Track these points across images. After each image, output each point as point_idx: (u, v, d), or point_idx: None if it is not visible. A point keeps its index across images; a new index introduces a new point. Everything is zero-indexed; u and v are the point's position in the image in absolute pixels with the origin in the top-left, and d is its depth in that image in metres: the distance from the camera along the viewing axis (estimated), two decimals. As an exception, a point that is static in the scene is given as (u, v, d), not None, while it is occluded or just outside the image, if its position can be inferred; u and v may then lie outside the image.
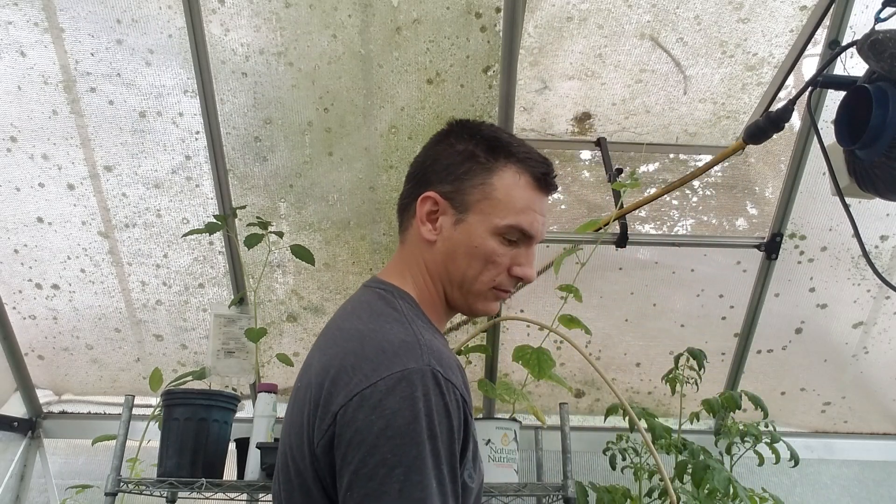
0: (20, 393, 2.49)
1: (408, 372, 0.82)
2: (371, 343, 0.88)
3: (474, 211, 1.00)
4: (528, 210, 1.01)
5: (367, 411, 0.80)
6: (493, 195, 1.00)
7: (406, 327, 0.91)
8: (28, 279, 2.37)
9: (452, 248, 1.00)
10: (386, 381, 0.82)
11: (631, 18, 2.09)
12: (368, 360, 0.85)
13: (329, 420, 0.83)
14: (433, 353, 0.86)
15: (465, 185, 1.01)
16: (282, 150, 2.22)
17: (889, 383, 2.58)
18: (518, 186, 1.01)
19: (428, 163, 1.06)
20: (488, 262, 0.99)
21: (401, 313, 0.95)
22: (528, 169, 1.02)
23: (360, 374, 0.84)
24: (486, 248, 0.99)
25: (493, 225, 0.99)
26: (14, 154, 2.19)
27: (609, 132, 2.43)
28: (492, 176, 1.00)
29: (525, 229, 1.00)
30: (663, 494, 1.97)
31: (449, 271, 1.01)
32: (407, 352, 0.85)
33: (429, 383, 0.82)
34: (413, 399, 0.80)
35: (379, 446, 0.79)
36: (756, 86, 2.25)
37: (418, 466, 0.78)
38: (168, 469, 1.80)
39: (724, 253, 2.41)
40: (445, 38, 2.03)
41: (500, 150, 1.02)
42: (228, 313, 2.19)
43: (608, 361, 2.56)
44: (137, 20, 2.02)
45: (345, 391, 0.83)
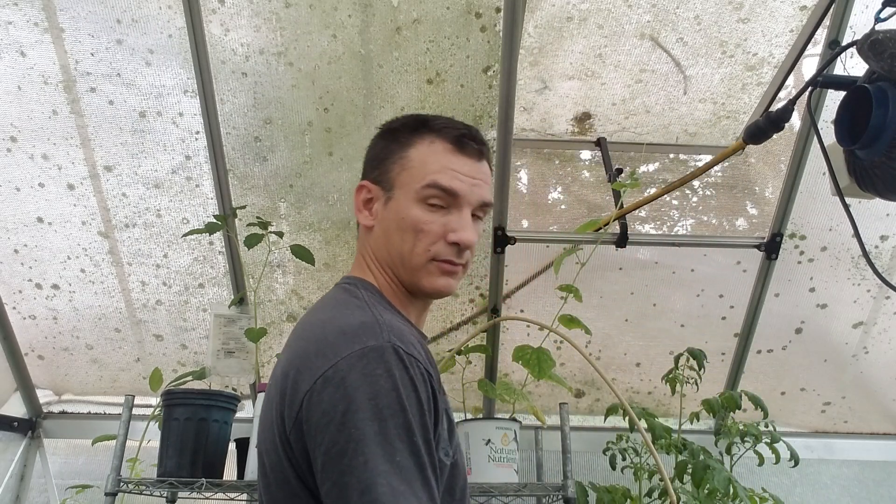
0: (20, 393, 2.49)
1: (368, 349, 0.84)
2: (332, 328, 0.90)
3: (397, 185, 1.03)
4: (445, 169, 1.01)
5: (332, 391, 0.82)
6: (409, 164, 1.03)
7: (365, 311, 0.93)
8: (28, 279, 2.37)
9: (386, 226, 1.03)
10: (346, 359, 0.83)
11: (631, 18, 2.09)
12: (330, 345, 0.86)
13: (297, 407, 0.85)
14: (393, 331, 0.87)
15: (387, 165, 1.05)
16: (282, 150, 2.22)
17: (889, 383, 2.58)
18: (433, 152, 1.03)
19: (364, 162, 1.13)
20: (418, 232, 1.00)
21: (361, 300, 0.98)
22: (444, 135, 1.04)
23: (322, 358, 0.85)
24: (411, 216, 1.00)
25: (413, 192, 1.01)
26: (14, 154, 2.19)
27: (609, 132, 2.43)
28: (409, 149, 1.04)
29: (443, 185, 1.00)
30: (663, 494, 1.97)
31: (389, 252, 1.03)
32: (366, 331, 0.87)
33: (390, 359, 0.83)
34: (375, 375, 0.82)
35: (346, 423, 0.80)
36: (756, 86, 2.25)
37: (382, 440, 0.79)
38: (168, 469, 1.80)
39: (724, 253, 2.41)
40: (445, 38, 2.03)
41: (418, 126, 1.06)
42: (228, 313, 2.19)
43: (608, 361, 2.56)
44: (137, 20, 2.02)
45: (308, 376, 0.85)
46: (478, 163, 1.05)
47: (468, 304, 2.44)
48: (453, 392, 2.21)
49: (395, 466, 0.78)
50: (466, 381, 2.20)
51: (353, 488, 0.77)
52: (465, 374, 2.20)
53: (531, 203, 2.51)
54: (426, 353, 0.93)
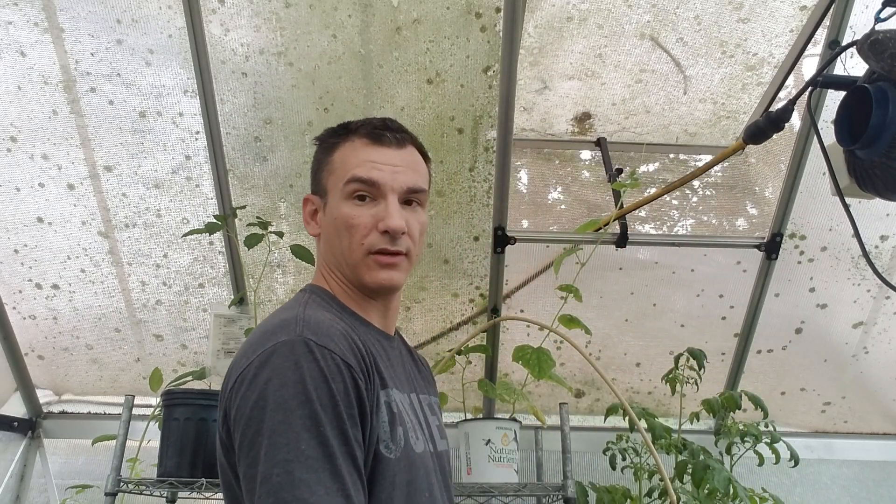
0: (20, 393, 2.49)
1: (279, 345, 0.86)
2: (259, 329, 0.94)
3: (329, 189, 1.07)
4: (364, 162, 1.03)
5: (245, 388, 0.85)
6: (333, 166, 1.06)
7: (294, 310, 0.94)
8: (28, 279, 2.37)
9: (327, 231, 1.07)
10: (260, 356, 0.86)
11: (631, 18, 2.09)
12: (251, 344, 0.90)
13: (224, 406, 0.90)
14: (308, 325, 0.89)
15: (319, 174, 1.09)
16: (282, 150, 2.22)
17: (889, 383, 2.58)
18: (352, 150, 1.05)
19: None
20: (349, 227, 1.02)
21: (298, 301, 1.00)
22: (360, 132, 1.06)
23: (243, 357, 0.89)
24: (342, 214, 1.03)
25: (339, 191, 1.04)
26: (14, 154, 2.19)
27: (609, 132, 2.43)
28: (333, 154, 1.08)
29: (361, 176, 1.02)
30: (663, 494, 1.97)
31: (334, 255, 1.06)
32: (282, 328, 0.89)
33: (299, 351, 0.84)
34: (282, 368, 0.83)
35: (253, 417, 0.82)
36: (756, 86, 2.25)
37: (285, 429, 0.80)
38: (168, 469, 1.80)
39: (724, 253, 2.41)
40: (445, 38, 2.03)
41: (340, 131, 1.09)
42: (228, 313, 2.19)
43: (608, 361, 2.56)
44: (137, 20, 2.02)
45: (233, 376, 0.89)
46: (399, 150, 1.06)
47: (468, 304, 2.44)
48: (453, 392, 2.21)
49: (297, 455, 0.78)
50: (466, 381, 2.20)
51: (256, 479, 0.79)
52: (465, 374, 2.20)
53: (531, 203, 2.51)
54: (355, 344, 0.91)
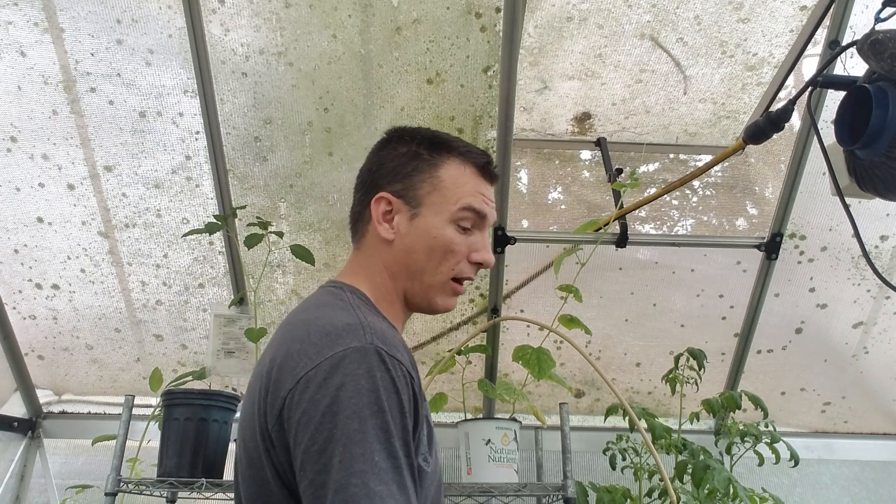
0: (20, 393, 2.49)
1: (350, 350, 0.84)
2: (316, 329, 0.90)
3: (426, 204, 1.04)
4: (477, 193, 1.06)
5: (313, 391, 0.82)
6: (441, 186, 1.05)
7: (350, 312, 0.94)
8: (28, 279, 2.37)
9: (411, 242, 1.04)
10: (329, 360, 0.84)
11: (631, 18, 2.09)
12: (313, 344, 0.87)
13: (279, 405, 0.85)
14: (376, 333, 0.88)
15: (414, 181, 1.05)
16: (282, 150, 2.22)
17: (889, 383, 2.58)
18: (464, 174, 1.06)
19: (374, 168, 1.10)
20: (447, 252, 1.03)
21: (346, 302, 0.98)
22: (470, 160, 1.08)
23: (305, 357, 0.86)
24: (444, 237, 1.03)
25: (447, 213, 1.03)
26: (14, 154, 2.19)
27: (609, 132, 2.43)
28: (438, 169, 1.06)
29: (477, 209, 1.05)
30: (663, 494, 1.97)
31: (409, 267, 1.04)
32: (350, 333, 0.87)
33: (372, 360, 0.84)
34: (356, 375, 0.82)
35: (325, 423, 0.80)
36: (756, 86, 2.25)
37: (360, 439, 0.79)
38: (168, 469, 1.80)
39: (724, 253, 2.41)
40: (445, 38, 2.03)
41: (441, 147, 1.08)
42: (228, 313, 2.19)
43: (608, 361, 2.56)
44: (137, 20, 2.02)
45: (291, 375, 0.86)
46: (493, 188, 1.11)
47: (468, 304, 2.44)
48: (453, 392, 2.21)
49: (372, 466, 0.78)
50: (466, 381, 2.20)
51: (328, 486, 0.78)
52: (465, 374, 2.20)
53: (531, 203, 2.51)
54: (409, 356, 0.94)
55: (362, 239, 1.10)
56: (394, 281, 1.05)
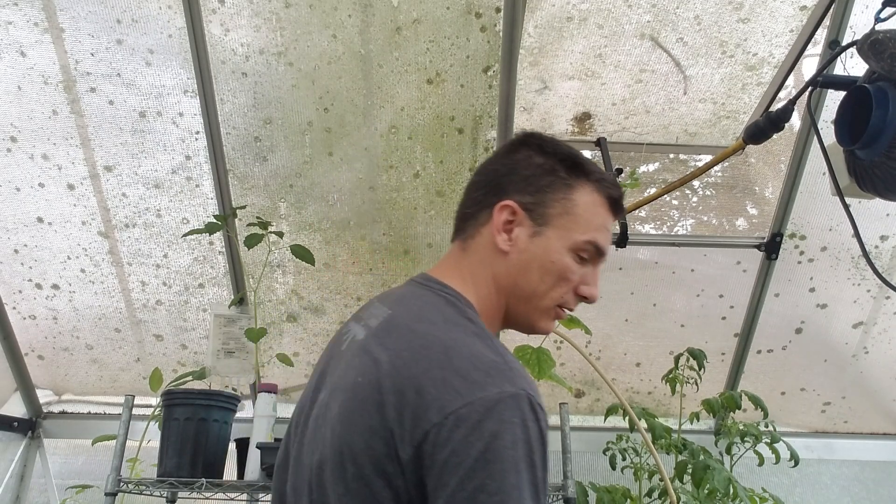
0: (20, 393, 2.49)
1: (506, 395, 0.80)
2: (459, 357, 0.84)
3: (553, 225, 0.99)
4: (604, 228, 1.02)
5: (465, 432, 0.77)
6: (574, 211, 0.99)
7: (488, 343, 0.88)
8: (28, 279, 2.37)
9: (527, 260, 0.99)
10: (483, 401, 0.78)
11: (631, 18, 2.09)
12: (459, 377, 0.81)
13: (419, 436, 0.79)
14: (524, 377, 0.84)
15: (547, 198, 1.00)
16: (282, 150, 2.22)
17: (889, 383, 2.58)
18: (595, 205, 1.01)
19: (503, 172, 1.03)
20: (561, 279, 0.99)
21: (478, 326, 0.92)
22: (604, 191, 1.03)
23: (451, 390, 0.80)
24: (562, 263, 0.98)
25: (572, 241, 0.98)
26: (14, 154, 2.19)
27: (609, 132, 2.43)
28: (573, 192, 1.00)
29: (601, 246, 1.01)
30: (663, 494, 1.97)
31: (519, 284, 0.99)
32: (500, 373, 0.82)
33: (525, 409, 0.80)
34: (512, 424, 0.78)
35: (477, 470, 0.76)
36: (756, 86, 2.25)
37: (518, 495, 0.76)
38: (168, 469, 1.80)
39: (724, 253, 2.41)
40: (445, 38, 2.03)
41: (579, 169, 1.02)
42: (228, 313, 2.19)
43: (608, 361, 2.56)
44: (137, 20, 2.02)
45: (436, 407, 0.79)
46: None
47: (468, 304, 2.44)
48: (453, 392, 2.20)
49: None
50: (466, 381, 2.20)
51: None
52: (465, 374, 2.20)
53: (531, 203, 2.51)
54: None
55: (471, 241, 1.03)
56: (498, 295, 1.01)
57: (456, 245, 1.06)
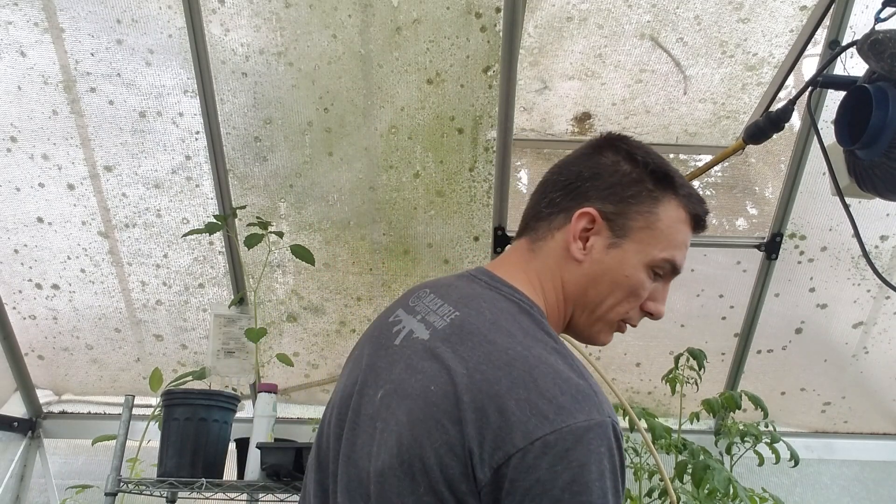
0: (20, 393, 2.49)
1: (594, 423, 0.78)
2: (544, 378, 0.80)
3: (633, 238, 0.96)
4: (683, 246, 0.99)
5: (552, 460, 0.75)
6: (656, 225, 0.96)
7: (570, 363, 0.85)
8: (28, 279, 2.37)
9: (600, 272, 0.96)
10: (572, 430, 0.76)
11: (631, 18, 2.09)
12: (546, 400, 0.78)
13: (500, 459, 0.76)
14: (608, 402, 0.82)
15: (630, 210, 0.96)
16: (282, 150, 2.22)
17: (889, 383, 2.58)
18: (678, 221, 0.98)
19: (587, 175, 0.99)
20: (631, 294, 0.97)
21: (557, 342, 0.89)
22: (690, 206, 0.99)
23: (538, 414, 0.77)
24: (636, 278, 0.96)
25: (650, 257, 0.96)
26: (14, 154, 2.19)
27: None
28: (658, 206, 0.97)
29: (678, 265, 0.99)
30: (663, 494, 1.97)
31: (588, 295, 0.97)
32: (586, 398, 0.80)
33: (612, 438, 0.78)
34: (600, 454, 0.76)
35: (563, 501, 0.74)
36: (756, 86, 2.25)
37: None
38: (168, 469, 1.80)
39: (724, 253, 2.41)
40: (445, 38, 2.03)
41: (667, 182, 0.98)
42: (228, 313, 2.19)
43: (608, 361, 2.56)
44: (137, 20, 2.02)
45: (522, 431, 0.76)
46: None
47: (468, 304, 2.44)
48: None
49: None
50: (466, 381, 2.20)
51: None
52: (465, 374, 2.20)
53: (531, 203, 2.51)
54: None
55: (542, 243, 0.99)
56: (566, 303, 0.98)
57: (523, 244, 1.02)
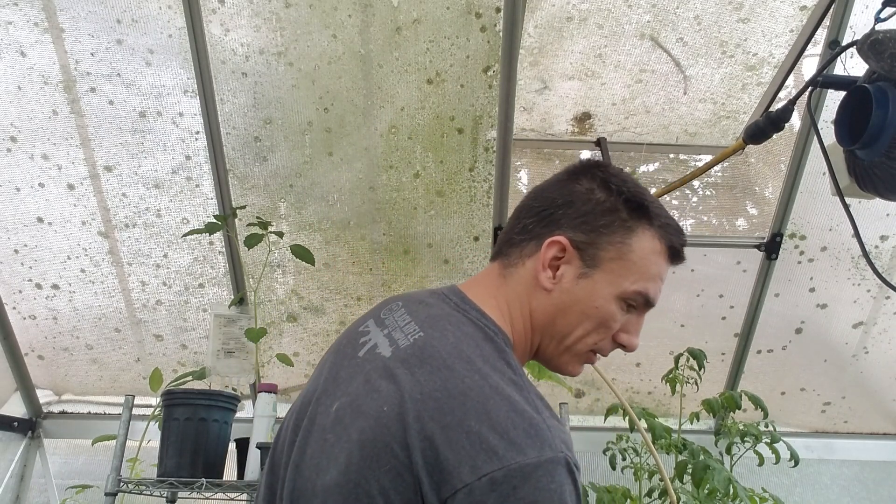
0: (20, 393, 2.49)
1: (545, 460, 0.77)
2: (497, 411, 0.79)
3: (603, 269, 0.94)
4: (657, 279, 0.96)
5: (499, 498, 0.74)
6: (628, 257, 0.94)
7: (525, 395, 0.84)
8: (28, 279, 2.37)
9: (569, 302, 0.94)
10: (521, 467, 0.75)
11: (631, 18, 2.09)
12: (497, 435, 0.77)
13: (447, 492, 0.75)
14: (561, 436, 0.82)
15: (602, 240, 0.94)
16: (282, 150, 2.22)
17: (889, 383, 2.58)
18: (654, 252, 0.96)
19: (560, 202, 0.97)
20: (601, 325, 0.95)
21: (516, 373, 0.87)
22: (667, 237, 0.97)
23: (488, 449, 0.76)
24: (606, 310, 0.94)
25: (620, 288, 0.94)
26: (14, 154, 2.19)
27: (609, 132, 2.43)
28: (631, 236, 0.94)
29: (651, 298, 0.96)
30: (663, 494, 1.97)
31: (556, 325, 0.95)
32: (538, 434, 0.79)
33: (563, 475, 0.78)
34: (549, 491, 0.75)
35: None
36: (756, 86, 2.25)
37: None
38: (168, 469, 1.80)
39: (724, 253, 2.41)
40: (445, 38, 2.03)
41: (642, 212, 0.96)
42: (228, 313, 2.19)
43: (608, 361, 2.56)
44: (137, 20, 2.02)
45: (470, 466, 0.75)
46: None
47: (468, 304, 2.44)
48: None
49: None
50: (466, 381, 2.20)
51: None
52: (465, 374, 2.20)
53: (531, 203, 2.50)
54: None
55: (513, 269, 0.98)
56: (533, 332, 0.96)
57: (495, 268, 1.01)
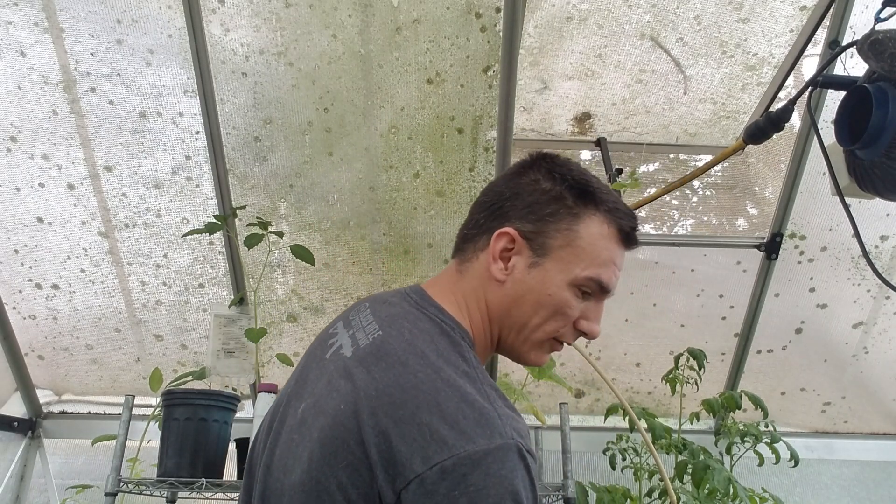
0: (20, 393, 2.49)
1: (494, 447, 0.78)
2: (448, 402, 0.80)
3: (553, 257, 0.94)
4: (610, 263, 0.96)
5: (450, 486, 0.75)
6: (576, 243, 0.94)
7: (478, 386, 0.85)
8: (28, 279, 2.37)
9: (522, 292, 0.95)
10: (470, 454, 0.76)
11: (631, 18, 2.09)
12: (447, 425, 0.78)
13: (401, 484, 0.77)
14: (512, 423, 0.82)
15: (549, 228, 0.94)
16: (282, 150, 2.22)
17: (889, 383, 2.58)
18: (603, 237, 0.96)
19: (508, 195, 0.98)
20: (557, 313, 0.95)
21: (469, 365, 0.88)
22: (615, 221, 0.97)
23: (438, 439, 0.77)
24: (559, 298, 0.94)
25: (572, 275, 0.94)
26: (14, 154, 2.19)
27: (609, 132, 2.43)
28: (578, 223, 0.95)
29: (604, 283, 0.96)
30: (663, 494, 1.97)
31: (512, 315, 0.96)
32: (488, 422, 0.80)
33: (514, 460, 0.78)
34: (500, 477, 0.76)
35: None
36: (756, 86, 2.25)
37: None
38: (168, 469, 1.80)
39: (724, 253, 2.41)
40: (445, 38, 2.03)
41: (588, 197, 0.96)
42: (228, 313, 2.19)
43: (608, 361, 2.56)
44: (137, 20, 2.02)
45: (421, 456, 0.76)
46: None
47: (468, 304, 2.44)
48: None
49: None
50: (466, 381, 2.20)
51: None
52: (465, 374, 2.20)
53: (531, 203, 2.50)
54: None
55: (468, 264, 0.99)
56: (491, 323, 0.97)
57: (454, 264, 1.02)
